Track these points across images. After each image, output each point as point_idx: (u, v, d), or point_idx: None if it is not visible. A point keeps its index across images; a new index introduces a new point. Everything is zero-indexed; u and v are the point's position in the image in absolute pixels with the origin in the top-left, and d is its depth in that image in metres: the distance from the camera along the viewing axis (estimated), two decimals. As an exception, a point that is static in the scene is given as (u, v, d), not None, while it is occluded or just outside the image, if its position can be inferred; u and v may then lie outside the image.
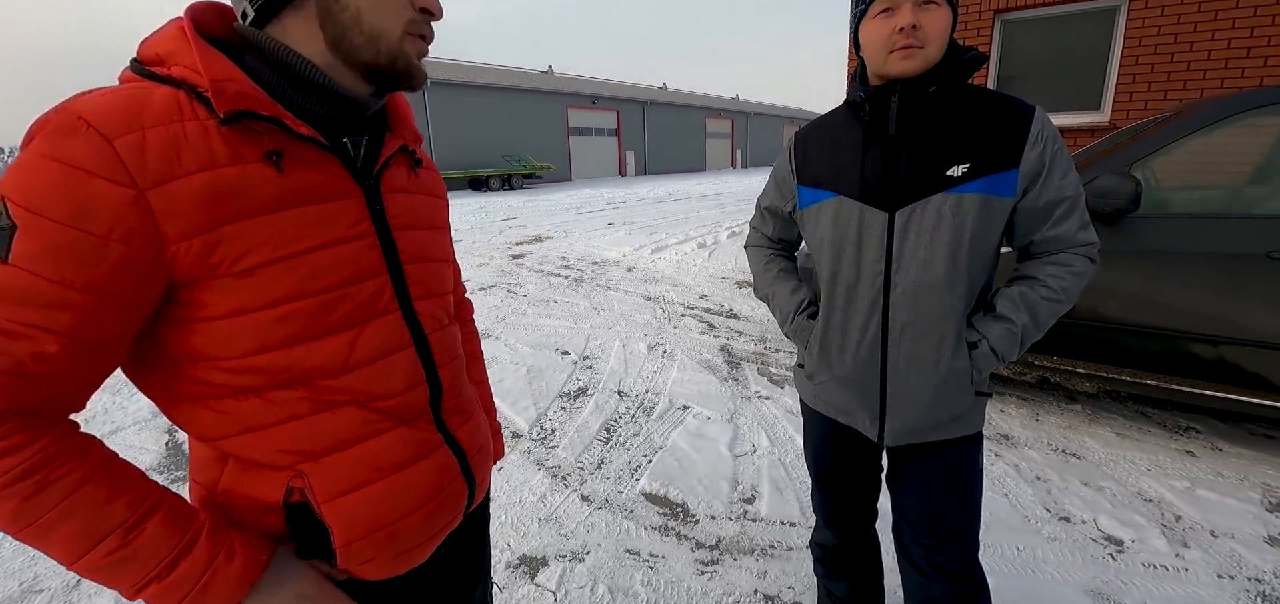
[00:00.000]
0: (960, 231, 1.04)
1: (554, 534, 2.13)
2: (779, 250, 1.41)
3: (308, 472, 0.65)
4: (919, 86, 1.02)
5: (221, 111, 0.56)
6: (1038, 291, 1.07)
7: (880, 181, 1.09)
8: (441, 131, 22.78)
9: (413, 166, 0.79)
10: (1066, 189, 1.04)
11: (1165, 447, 2.66)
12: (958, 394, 1.12)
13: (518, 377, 3.55)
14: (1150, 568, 1.94)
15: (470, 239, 9.38)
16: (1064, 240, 1.07)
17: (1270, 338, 2.27)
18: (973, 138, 1.04)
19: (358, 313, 0.66)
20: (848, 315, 1.17)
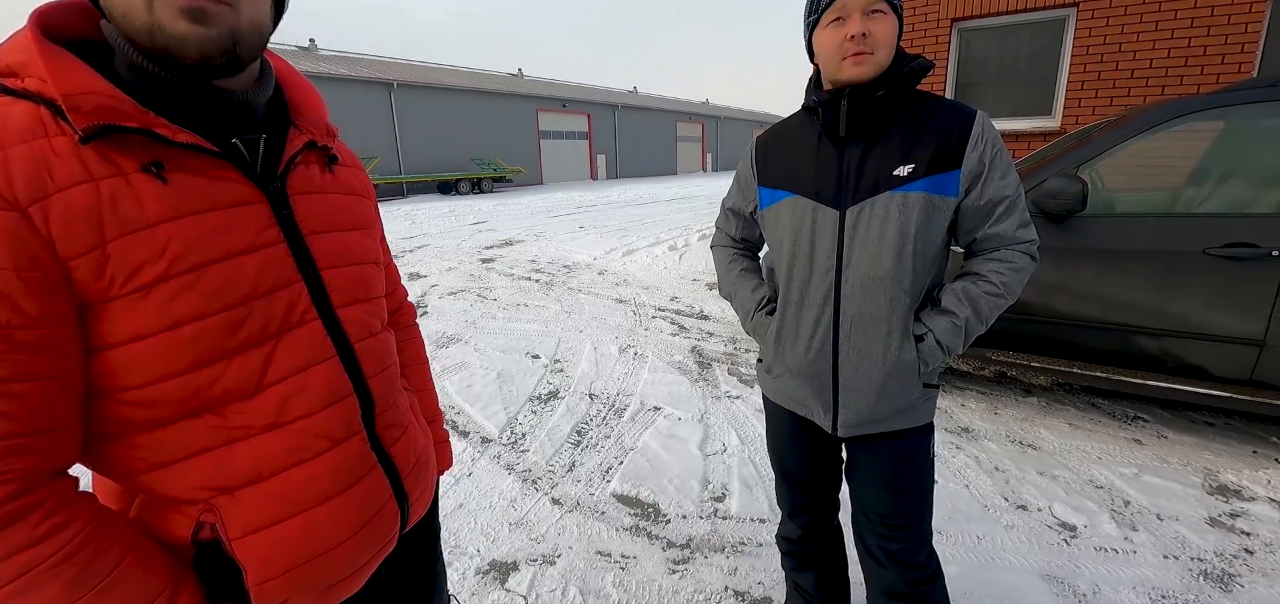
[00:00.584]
0: (906, 228, 1.08)
1: (525, 538, 2.11)
2: (742, 250, 1.45)
3: (220, 506, 0.60)
4: (867, 91, 1.08)
5: (80, 129, 0.51)
6: (980, 286, 1.13)
7: (832, 182, 1.14)
8: (408, 134, 22.38)
9: (326, 164, 0.73)
10: (1006, 189, 1.10)
11: (1115, 436, 2.78)
12: (906, 385, 1.16)
13: (488, 381, 3.51)
14: (1101, 551, 2.02)
15: (439, 243, 9.24)
16: (1004, 238, 1.12)
17: (1207, 330, 2.39)
18: (918, 140, 1.09)
19: (270, 327, 0.61)
20: (802, 310, 1.21)
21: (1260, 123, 2.51)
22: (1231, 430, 2.81)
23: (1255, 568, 1.94)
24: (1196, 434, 2.78)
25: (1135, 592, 1.84)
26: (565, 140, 30.21)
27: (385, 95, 21.63)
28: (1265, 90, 2.41)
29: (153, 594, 0.56)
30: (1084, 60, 5.25)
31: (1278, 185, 2.33)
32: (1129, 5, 5.00)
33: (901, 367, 1.15)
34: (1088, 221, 2.57)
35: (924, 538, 1.27)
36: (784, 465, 1.45)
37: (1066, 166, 2.65)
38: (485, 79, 27.27)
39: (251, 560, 0.61)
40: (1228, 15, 4.68)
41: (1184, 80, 4.89)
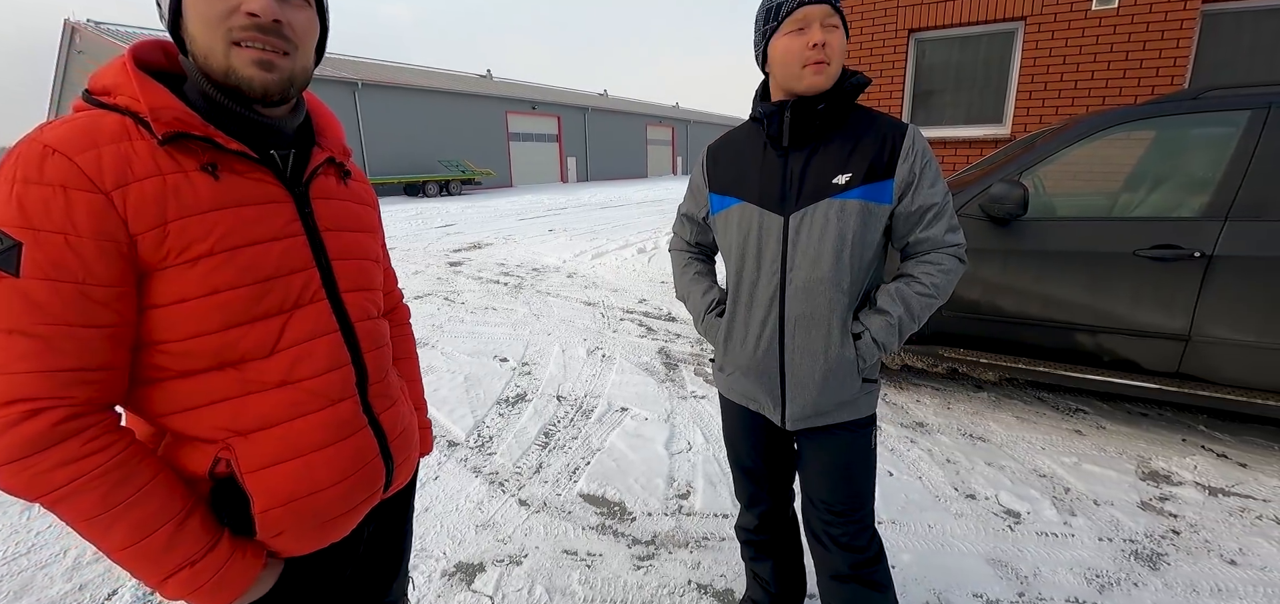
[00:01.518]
0: (844, 233, 1.16)
1: (491, 540, 2.12)
2: (696, 254, 1.51)
3: (235, 446, 0.72)
4: (810, 103, 1.15)
5: (159, 133, 0.66)
6: (912, 288, 1.20)
7: (776, 189, 1.20)
8: (373, 135, 21.92)
9: (342, 176, 0.89)
10: (934, 197, 1.17)
11: (1057, 427, 2.93)
12: (846, 380, 1.24)
13: (455, 385, 3.49)
14: (1043, 536, 2.14)
15: (406, 246, 9.10)
16: (934, 242, 1.20)
17: (1137, 327, 2.56)
18: (855, 151, 1.16)
19: (287, 301, 0.74)
20: (750, 311, 1.27)
21: (1186, 132, 2.70)
22: (1162, 420, 2.99)
23: (1181, 547, 2.08)
24: (1131, 424, 2.96)
25: (1072, 572, 1.96)
26: (535, 142, 30.02)
27: (349, 95, 21.15)
28: (1190, 102, 2.58)
29: (172, 512, 0.68)
30: (1032, 71, 5.50)
31: (1201, 191, 2.50)
32: (1072, 19, 5.26)
33: (841, 363, 1.22)
34: (1029, 225, 2.71)
35: (866, 523, 1.35)
36: (739, 458, 1.51)
37: (1010, 172, 2.79)
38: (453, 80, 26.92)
39: (258, 492, 0.74)
40: (1161, 30, 4.98)
41: (1122, 91, 5.18)
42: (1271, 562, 2.00)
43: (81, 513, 0.63)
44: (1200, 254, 2.38)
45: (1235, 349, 2.41)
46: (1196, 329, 2.44)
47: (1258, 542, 2.10)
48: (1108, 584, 1.91)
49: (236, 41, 0.69)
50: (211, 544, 0.70)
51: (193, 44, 0.70)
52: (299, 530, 0.78)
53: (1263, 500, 2.34)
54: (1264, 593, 1.87)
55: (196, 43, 0.69)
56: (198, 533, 0.69)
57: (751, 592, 1.70)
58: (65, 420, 0.61)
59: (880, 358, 1.25)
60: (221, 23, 0.68)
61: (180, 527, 0.68)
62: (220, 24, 0.68)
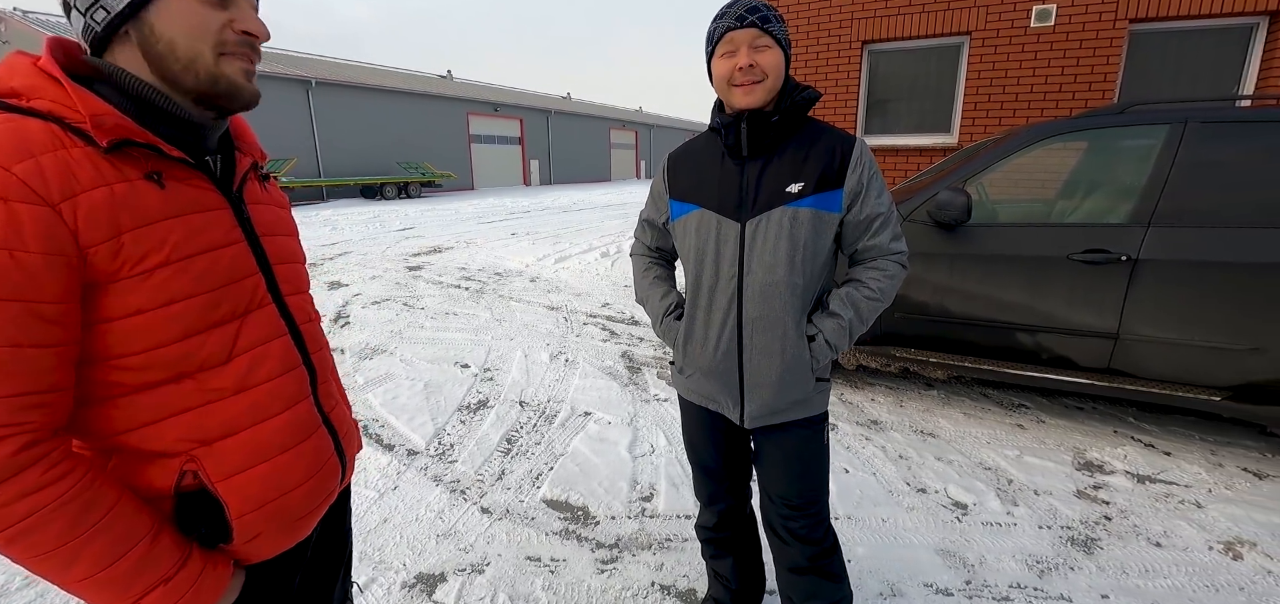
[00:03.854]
0: (796, 239, 1.21)
1: (452, 549, 2.09)
2: (656, 258, 1.55)
3: (200, 456, 0.72)
4: (765, 116, 1.20)
5: (104, 142, 0.64)
6: (861, 291, 1.27)
7: (734, 196, 1.25)
8: (328, 135, 21.23)
9: (261, 181, 0.89)
10: (880, 207, 1.25)
11: (1001, 422, 3.08)
12: (801, 379, 1.29)
13: (414, 392, 3.42)
14: (988, 526, 2.25)
15: (362, 250, 8.85)
16: (880, 249, 1.27)
17: (1072, 326, 2.72)
18: (806, 161, 1.22)
19: (238, 307, 0.75)
20: (710, 314, 1.32)
21: (1115, 143, 2.88)
22: (1096, 413, 3.18)
23: (1112, 532, 2.22)
24: (1068, 418, 3.13)
25: (1015, 559, 2.07)
26: (497, 145, 29.65)
27: (303, 93, 20.44)
28: (1118, 115, 2.77)
29: (141, 532, 0.66)
30: (977, 83, 5.77)
31: (1128, 198, 2.68)
32: (1013, 35, 5.55)
33: (797, 362, 1.27)
34: (974, 230, 2.85)
35: (822, 516, 1.41)
36: (699, 458, 1.55)
37: (955, 180, 2.92)
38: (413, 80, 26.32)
39: (233, 498, 0.74)
40: (1093, 47, 5.30)
41: (1058, 104, 5.48)
42: (1192, 542, 2.16)
43: (40, 547, 0.60)
44: (1127, 257, 2.55)
45: (1159, 346, 2.59)
46: (1124, 328, 2.61)
47: (1180, 524, 2.26)
48: (1047, 569, 2.02)
49: (224, 52, 0.72)
50: (184, 559, 0.70)
51: (169, 47, 0.69)
52: (273, 532, 0.79)
53: (1185, 486, 2.51)
54: (1185, 572, 2.01)
55: (176, 48, 0.69)
56: (170, 549, 0.69)
57: (712, 590, 1.74)
58: (24, 448, 0.59)
59: (832, 358, 1.31)
60: (214, 34, 0.71)
61: (152, 545, 0.67)
62: (212, 35, 0.70)
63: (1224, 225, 2.45)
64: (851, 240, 1.29)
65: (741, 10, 1.17)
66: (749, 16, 1.16)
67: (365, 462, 2.65)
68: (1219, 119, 2.53)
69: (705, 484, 1.58)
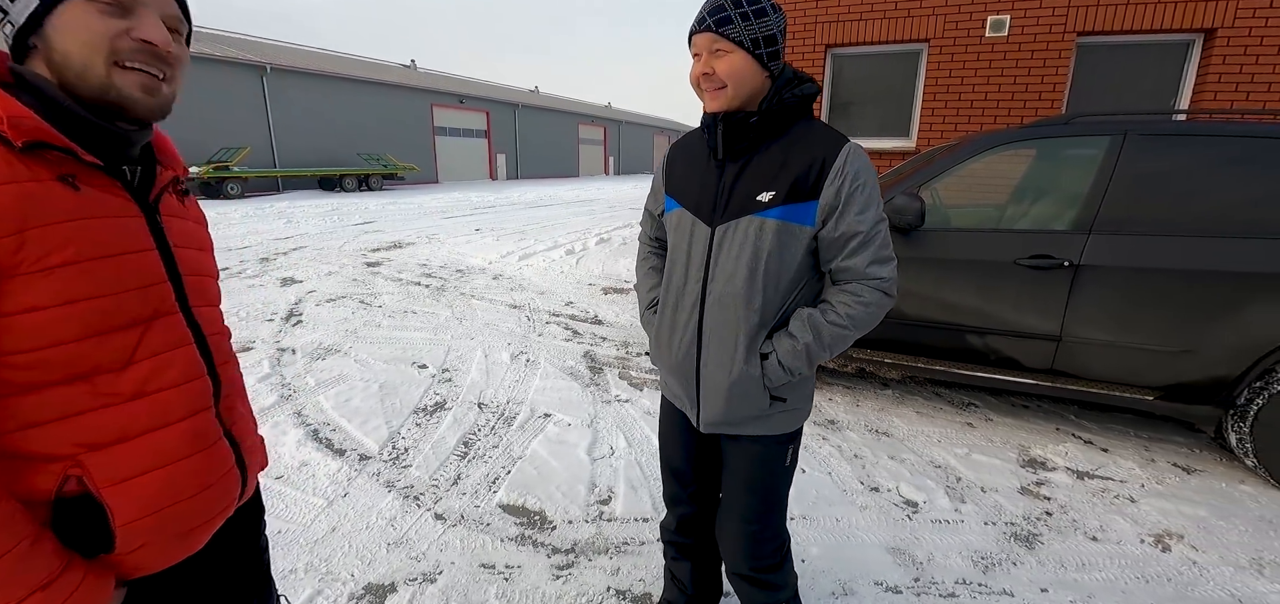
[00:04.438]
0: (759, 252, 1.16)
1: (403, 558, 2.04)
2: (655, 249, 1.54)
3: (87, 461, 0.71)
4: (742, 117, 1.15)
5: (19, 143, 0.65)
6: (826, 316, 1.18)
7: (709, 199, 1.22)
8: (284, 124, 20.49)
9: (180, 197, 0.90)
10: (860, 225, 1.12)
11: (952, 421, 3.18)
12: (750, 396, 1.24)
13: (368, 394, 3.32)
14: (937, 523, 2.31)
15: (318, 244, 8.56)
16: (854, 272, 1.15)
17: (1018, 329, 2.81)
18: (782, 168, 1.14)
19: (143, 313, 0.75)
20: (675, 314, 1.31)
21: (1061, 152, 2.99)
22: (1041, 412, 3.31)
23: (1053, 527, 2.31)
24: (1015, 416, 3.25)
25: (961, 556, 2.13)
26: (462, 138, 29.13)
27: (256, 79, 19.66)
28: (1063, 125, 2.87)
29: (21, 534, 0.65)
30: (934, 90, 5.93)
31: (1072, 206, 2.79)
32: (969, 44, 5.72)
33: (745, 379, 1.23)
34: (927, 234, 2.92)
35: (773, 532, 1.39)
36: (668, 457, 1.55)
37: (911, 185, 2.99)
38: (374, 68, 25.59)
39: (120, 505, 0.73)
40: (1043, 58, 5.51)
41: (1011, 112, 5.68)
42: (1126, 536, 2.26)
43: None
44: (1069, 263, 2.66)
45: (1098, 348, 2.70)
46: (1066, 330, 2.72)
47: (1115, 519, 2.37)
48: (991, 565, 2.09)
49: (119, 63, 0.71)
50: (65, 565, 0.68)
51: (63, 58, 0.70)
52: (161, 542, 0.78)
53: (1120, 481, 2.63)
54: (1119, 564, 2.11)
55: (70, 58, 0.70)
56: (50, 555, 0.67)
57: (667, 592, 1.73)
58: None
59: (786, 380, 1.23)
60: (107, 43, 0.70)
61: (32, 548, 0.65)
62: (105, 45, 0.70)
63: (1159, 233, 2.57)
64: (828, 257, 1.19)
65: (702, 11, 1.12)
66: (707, 19, 1.11)
67: (314, 468, 2.56)
68: (1156, 132, 2.65)
69: (671, 486, 1.57)
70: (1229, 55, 5.02)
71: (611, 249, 8.30)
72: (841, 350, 1.21)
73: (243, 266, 6.82)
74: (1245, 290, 2.45)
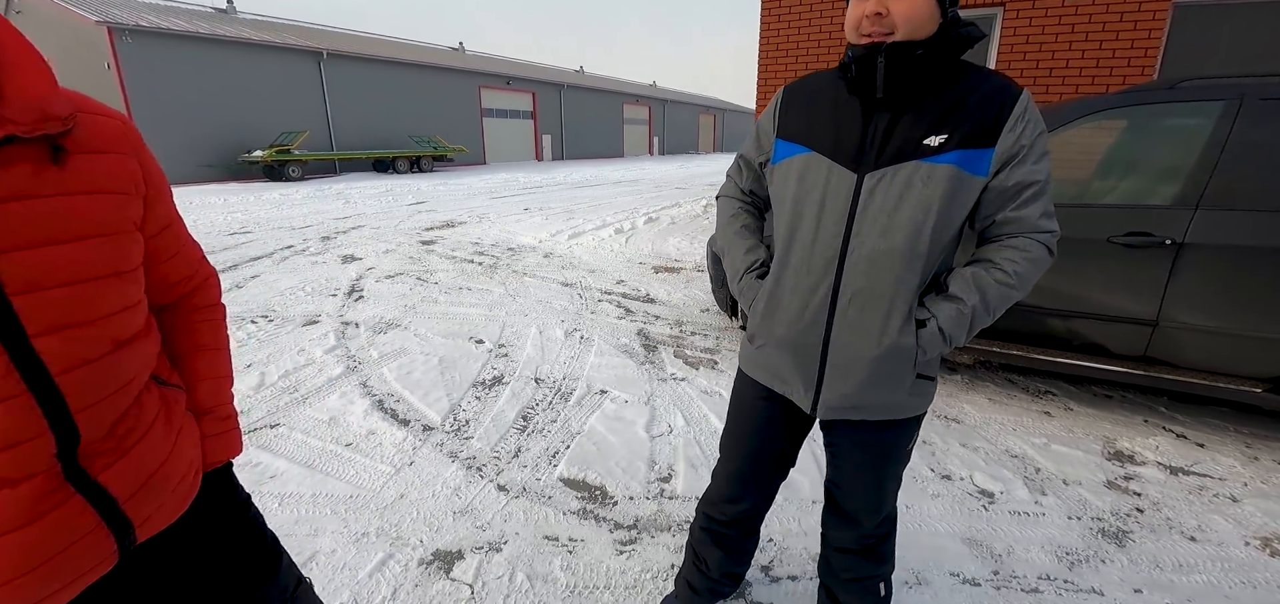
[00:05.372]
0: (928, 203, 1.01)
1: (469, 526, 2.07)
2: (747, 204, 1.35)
3: None
4: (907, 50, 0.99)
5: None
6: (992, 274, 1.05)
7: (854, 143, 1.05)
8: (340, 108, 21.19)
9: (52, 156, 0.61)
10: (1037, 173, 1.02)
11: (1027, 409, 3.00)
12: (898, 372, 1.10)
13: (429, 367, 3.40)
14: (1016, 515, 2.19)
15: (375, 224, 8.84)
16: (1025, 224, 1.04)
17: (1109, 312, 2.61)
18: (954, 111, 1.00)
19: None
20: (800, 277, 1.13)
21: (1157, 122, 2.74)
22: (1126, 402, 3.09)
23: (1145, 524, 2.15)
24: (1097, 406, 3.04)
25: (1043, 551, 2.01)
26: (509, 119, 29.46)
27: (314, 65, 20.37)
28: (1162, 92, 2.63)
29: None
30: (1009, 58, 5.56)
31: (1171, 180, 2.56)
32: (1049, 7, 5.32)
33: (897, 352, 1.07)
34: (1008, 210, 2.73)
35: (889, 513, 1.35)
36: (738, 456, 1.40)
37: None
38: (424, 52, 26.12)
39: None
40: (1134, 21, 5.07)
41: (1095, 80, 5.28)
42: (1228, 537, 2.09)
43: None
44: (1171, 242, 2.44)
45: (1200, 334, 2.48)
46: (1164, 314, 2.51)
47: (1215, 519, 2.18)
48: (1077, 561, 1.96)
49: None
50: None
51: None
52: None
53: (1219, 479, 2.43)
54: (1221, 567, 1.94)
55: None
56: None
57: (688, 573, 1.60)
58: None
59: (943, 351, 1.09)
60: None
61: None
62: None
63: (1277, 209, 2.32)
64: (990, 211, 1.05)
65: None
66: None
67: (381, 437, 2.64)
68: (1278, 96, 2.38)
69: (733, 485, 1.42)
70: (1355, 12, 4.50)
71: (660, 228, 8.24)
72: (1001, 314, 1.08)
73: (306, 244, 7.11)
74: (1381, 272, 2.19)
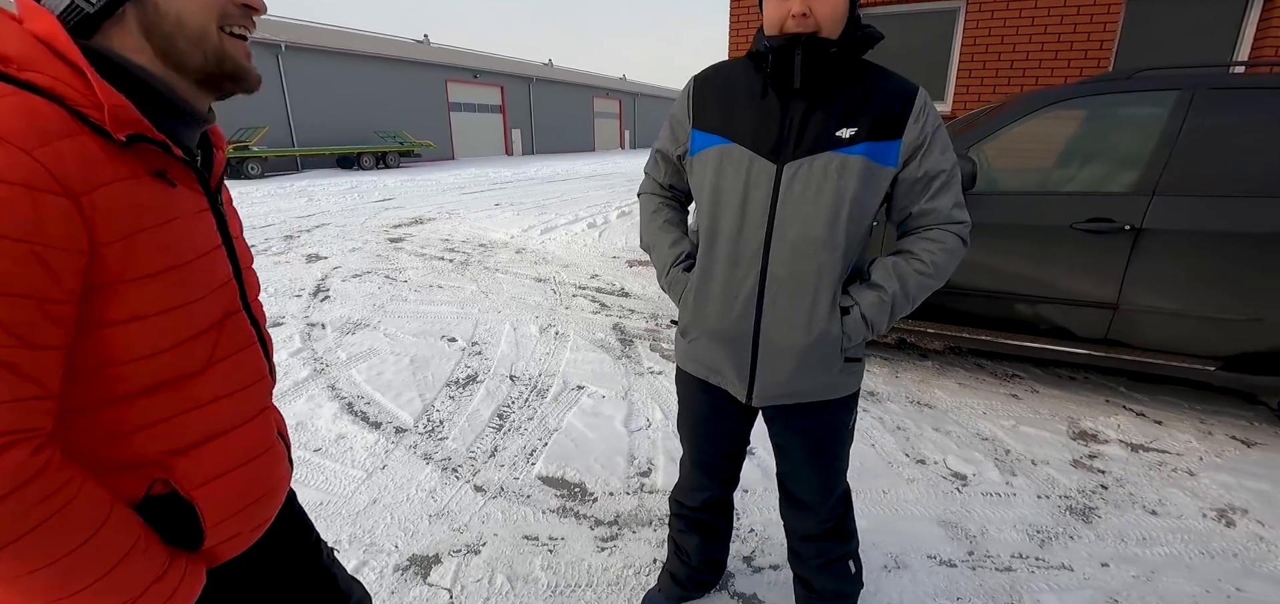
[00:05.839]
0: (843, 192, 1.05)
1: (446, 529, 2.02)
2: (669, 199, 1.35)
3: (174, 465, 0.68)
4: (822, 45, 1.03)
5: (121, 136, 0.58)
6: (912, 264, 1.12)
7: (773, 134, 1.08)
8: (301, 103, 20.48)
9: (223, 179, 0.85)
10: (943, 163, 1.09)
11: (996, 392, 3.08)
12: (827, 357, 1.14)
13: (400, 367, 3.32)
14: (988, 496, 2.24)
15: (341, 222, 8.58)
16: (939, 215, 1.11)
17: (1072, 296, 2.69)
18: (862, 105, 1.06)
19: (217, 314, 0.71)
20: (728, 268, 1.15)
21: (1115, 111, 2.83)
22: (1089, 383, 3.20)
23: (1109, 500, 2.23)
24: (1063, 388, 3.14)
25: (1016, 530, 2.06)
26: (478, 113, 28.96)
27: (272, 59, 19.63)
28: (1120, 82, 2.71)
29: (134, 535, 0.63)
30: (971, 51, 5.68)
31: (1129, 167, 2.64)
32: (1009, 1, 5.45)
33: (826, 339, 1.12)
34: (977, 198, 2.79)
35: (840, 491, 1.37)
36: (695, 448, 1.45)
37: (959, 147, 2.85)
38: (388, 44, 25.37)
39: (209, 505, 0.71)
40: (1090, 14, 5.23)
41: (1054, 72, 5.43)
42: (1186, 510, 2.17)
43: (47, 556, 0.55)
44: (1130, 227, 2.52)
45: (1158, 316, 2.58)
46: (1124, 298, 2.60)
47: (1174, 492, 2.27)
48: (1048, 539, 2.02)
49: (226, 29, 0.66)
50: (169, 560, 0.68)
51: (177, 22, 0.63)
52: (243, 533, 0.78)
53: (1177, 454, 2.53)
54: (1181, 539, 2.03)
55: (185, 23, 0.63)
56: (159, 553, 0.66)
57: (670, 564, 1.68)
58: (38, 451, 0.55)
59: (866, 337, 1.16)
60: (220, 7, 0.65)
61: (145, 550, 0.64)
62: (218, 7, 0.65)
63: (1229, 194, 2.42)
64: (904, 203, 1.12)
65: None
66: None
67: (351, 440, 2.56)
68: (1230, 86, 2.48)
69: (695, 474, 1.47)
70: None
71: (633, 222, 8.20)
72: (919, 302, 1.15)
73: (268, 244, 6.86)
74: (1322, 253, 2.31)
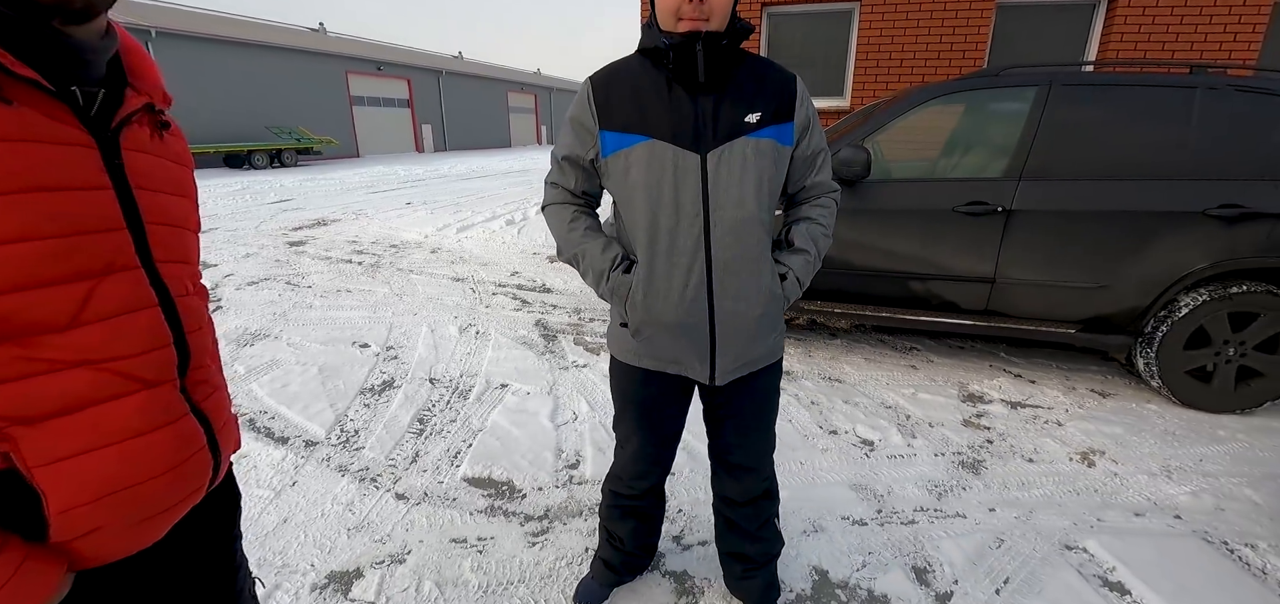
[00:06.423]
0: (762, 172, 1.16)
1: (367, 541, 1.93)
2: (583, 206, 1.32)
3: (16, 436, 0.60)
4: (717, 40, 1.11)
5: None
6: (816, 228, 1.29)
7: (689, 126, 1.13)
8: (181, 96, 18.15)
9: (158, 129, 0.76)
10: (822, 143, 1.27)
11: (897, 364, 3.34)
12: (774, 321, 1.27)
13: (308, 378, 3.11)
14: (892, 458, 2.43)
15: (232, 225, 7.88)
16: (824, 186, 1.31)
17: (956, 273, 2.97)
18: (758, 92, 1.17)
19: (92, 265, 0.63)
20: (672, 261, 1.17)
21: (987, 105, 3.14)
22: (975, 350, 3.54)
23: (994, 453, 2.49)
24: (953, 356, 3.46)
25: (917, 486, 2.25)
26: (383, 108, 27.45)
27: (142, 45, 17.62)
28: (989, 79, 3.01)
29: None
30: (866, 49, 6.09)
31: (1000, 155, 2.94)
32: (898, 4, 5.89)
33: (773, 303, 1.24)
34: (872, 186, 3.01)
35: (770, 455, 1.51)
36: (642, 432, 1.43)
37: (854, 138, 3.06)
38: (278, 32, 23.46)
39: (55, 489, 0.62)
40: (966, 17, 5.76)
41: (937, 70, 5.93)
42: (1056, 456, 2.47)
43: None
44: (1002, 209, 2.81)
45: (1027, 287, 2.90)
46: (1000, 272, 2.90)
47: (1047, 441, 2.57)
48: (944, 492, 2.22)
49: None
50: None
51: None
52: (117, 528, 0.67)
53: (1047, 408, 2.86)
54: (1053, 481, 2.30)
55: None
56: None
57: (603, 552, 1.68)
58: None
59: (798, 296, 1.31)
60: None
61: None
62: None
63: (1079, 178, 2.76)
64: (799, 178, 1.27)
65: None
66: None
67: (255, 458, 2.38)
68: (1078, 82, 2.82)
69: (639, 462, 1.48)
70: (1130, 15, 5.43)
71: (553, 218, 8.11)
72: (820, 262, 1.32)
73: (145, 252, 6.19)
74: (1151, 228, 2.68)
